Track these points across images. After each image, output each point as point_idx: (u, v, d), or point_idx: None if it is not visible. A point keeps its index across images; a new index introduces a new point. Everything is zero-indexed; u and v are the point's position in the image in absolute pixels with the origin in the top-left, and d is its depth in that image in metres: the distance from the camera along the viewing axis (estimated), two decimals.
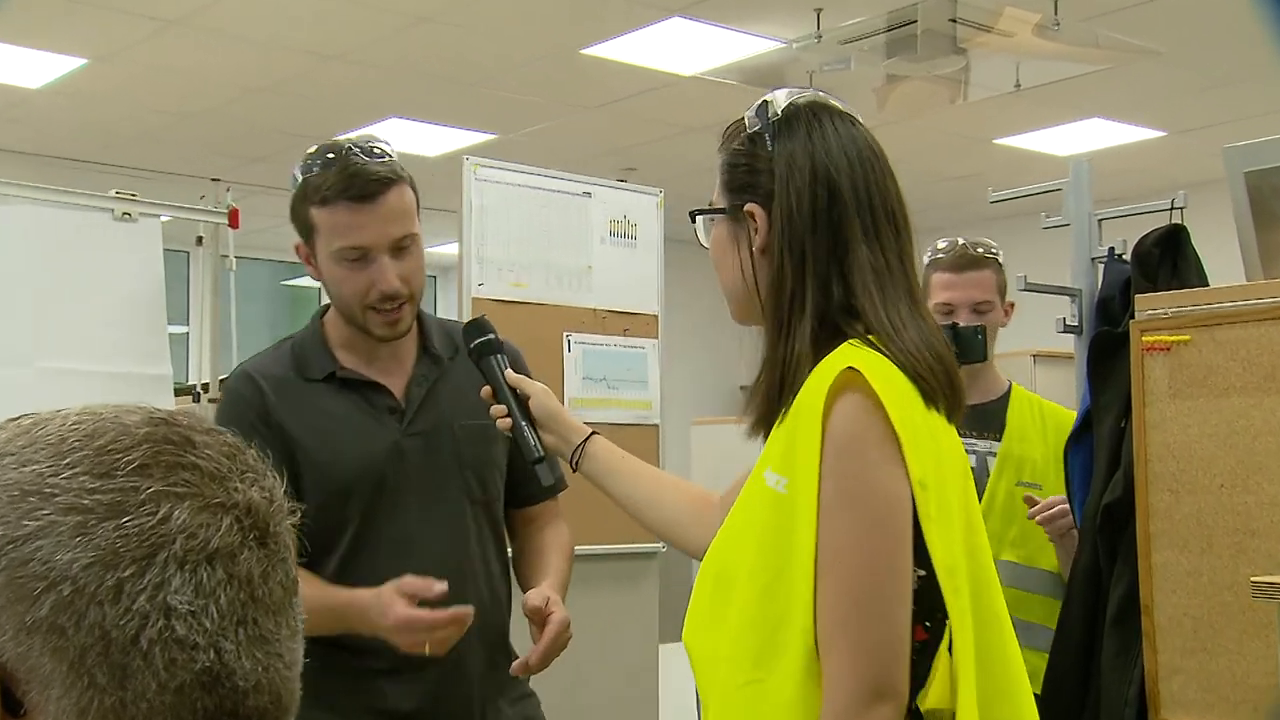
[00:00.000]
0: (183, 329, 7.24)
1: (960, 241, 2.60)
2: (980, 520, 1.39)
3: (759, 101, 1.43)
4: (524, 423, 1.72)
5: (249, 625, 0.67)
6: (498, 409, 1.74)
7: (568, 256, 3.43)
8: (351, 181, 1.82)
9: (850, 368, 1.28)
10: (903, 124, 6.43)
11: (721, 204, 1.44)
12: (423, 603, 1.74)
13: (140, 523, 0.65)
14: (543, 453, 1.72)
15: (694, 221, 1.49)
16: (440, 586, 1.74)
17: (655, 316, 3.59)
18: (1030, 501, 2.42)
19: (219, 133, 6.63)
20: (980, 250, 2.58)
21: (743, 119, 1.44)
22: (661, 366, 3.60)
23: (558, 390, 3.31)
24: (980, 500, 2.58)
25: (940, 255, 2.60)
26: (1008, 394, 2.61)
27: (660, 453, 3.57)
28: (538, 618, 1.81)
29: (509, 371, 1.76)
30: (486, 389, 1.76)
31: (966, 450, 2.67)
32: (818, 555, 1.26)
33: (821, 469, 1.26)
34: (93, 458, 0.66)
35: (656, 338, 3.59)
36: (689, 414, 6.82)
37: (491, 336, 1.80)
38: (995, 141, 7.04)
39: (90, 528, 0.64)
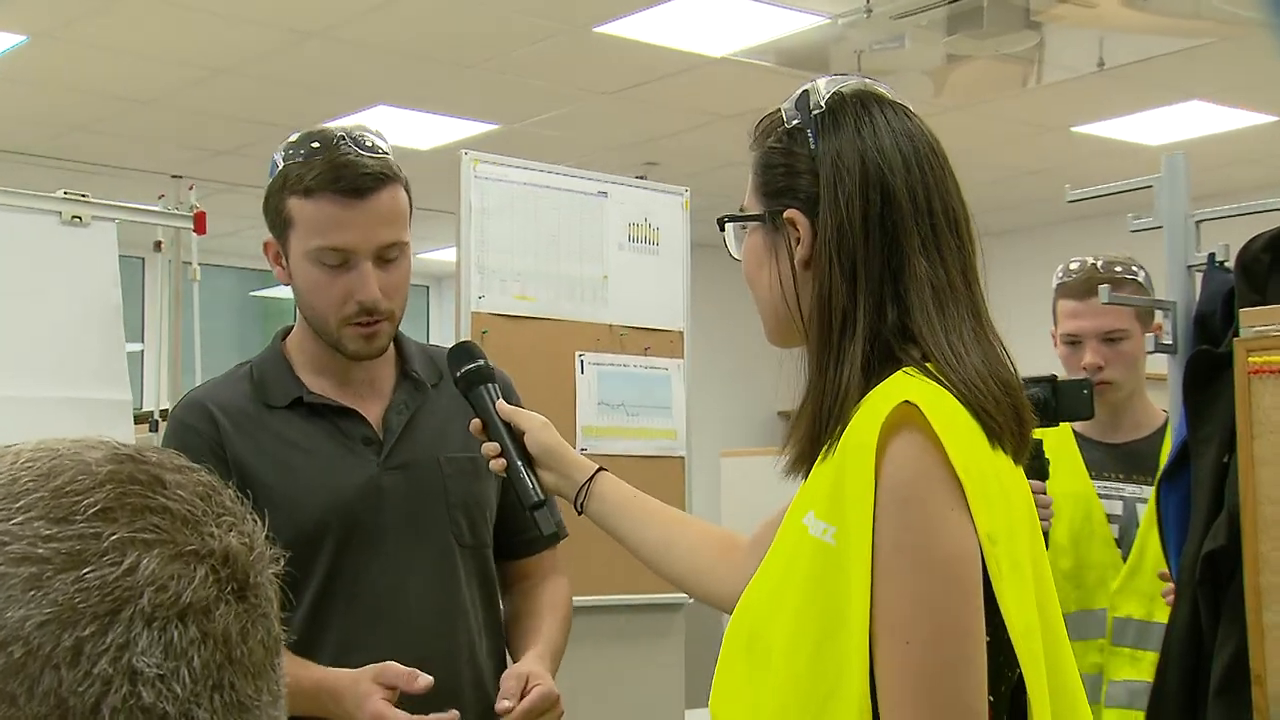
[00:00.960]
0: (137, 347, 7.29)
1: (1090, 262, 2.56)
2: (1050, 575, 1.40)
3: (798, 92, 1.43)
4: (520, 461, 1.71)
5: (225, 690, 0.67)
6: (490, 447, 1.73)
7: (580, 265, 3.44)
8: (341, 172, 1.83)
9: (906, 402, 1.28)
10: (965, 111, 6.43)
11: (756, 209, 1.44)
12: (403, 697, 1.72)
13: (102, 574, 0.65)
14: (542, 496, 1.71)
15: (723, 229, 1.49)
16: (425, 680, 1.72)
17: (680, 333, 3.60)
18: (1165, 577, 2.38)
19: (180, 121, 6.68)
20: (1117, 270, 2.55)
21: (779, 111, 1.44)
22: (687, 390, 3.61)
23: (568, 418, 3.33)
24: (1127, 555, 2.55)
25: (1067, 279, 2.57)
26: (1163, 429, 2.56)
27: (686, 488, 3.58)
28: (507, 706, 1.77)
29: (501, 403, 1.76)
30: (476, 423, 1.76)
31: (1113, 495, 2.62)
32: (876, 618, 1.25)
33: (876, 519, 1.26)
34: (49, 500, 0.67)
35: (682, 358, 3.60)
36: (718, 444, 6.83)
37: (481, 363, 1.80)
38: (1074, 130, 7.03)
39: (45, 580, 0.64)
